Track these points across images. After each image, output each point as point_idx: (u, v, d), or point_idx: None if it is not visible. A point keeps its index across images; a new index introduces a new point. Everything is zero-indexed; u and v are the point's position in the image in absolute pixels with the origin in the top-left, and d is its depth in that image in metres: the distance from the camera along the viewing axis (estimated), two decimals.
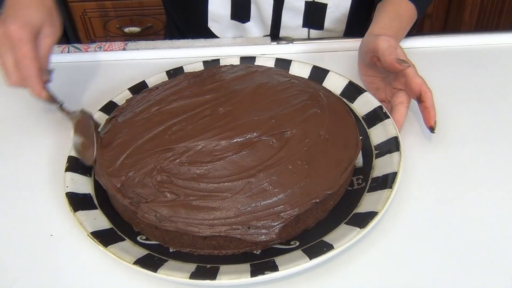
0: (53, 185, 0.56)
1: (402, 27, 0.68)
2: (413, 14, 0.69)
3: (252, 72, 0.61)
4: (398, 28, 0.66)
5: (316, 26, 0.82)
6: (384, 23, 0.65)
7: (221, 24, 0.83)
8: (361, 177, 0.53)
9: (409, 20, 0.69)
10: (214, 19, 0.83)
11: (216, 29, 0.84)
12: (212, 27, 0.84)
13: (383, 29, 0.64)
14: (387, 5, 0.69)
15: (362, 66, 0.67)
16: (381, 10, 0.68)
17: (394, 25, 0.66)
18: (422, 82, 0.56)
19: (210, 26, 0.84)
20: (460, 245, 0.47)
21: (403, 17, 0.68)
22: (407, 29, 0.70)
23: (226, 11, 0.80)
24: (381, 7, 0.69)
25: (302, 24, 0.81)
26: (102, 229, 0.48)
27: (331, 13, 0.80)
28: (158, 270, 0.43)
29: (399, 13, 0.68)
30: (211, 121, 0.51)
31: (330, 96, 0.58)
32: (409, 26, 0.70)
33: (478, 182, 0.53)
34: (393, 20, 0.66)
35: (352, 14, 0.80)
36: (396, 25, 0.66)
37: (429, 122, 0.56)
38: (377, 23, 0.66)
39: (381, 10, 0.68)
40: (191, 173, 0.47)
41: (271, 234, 0.44)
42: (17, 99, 0.71)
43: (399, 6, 0.68)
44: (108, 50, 0.79)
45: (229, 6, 0.80)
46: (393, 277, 0.45)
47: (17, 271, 0.47)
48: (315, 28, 0.82)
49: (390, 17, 0.67)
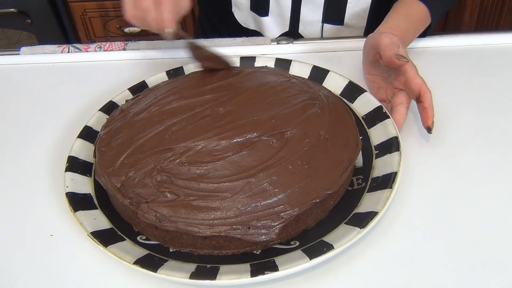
0: (53, 185, 0.56)
1: (411, 29, 0.67)
2: (426, 17, 0.69)
3: (253, 72, 0.61)
4: (406, 29, 0.66)
5: (336, 21, 0.81)
6: (392, 23, 0.65)
7: (242, 12, 0.84)
8: (361, 177, 0.53)
9: (420, 22, 0.69)
10: (236, 5, 0.84)
11: (239, 16, 0.85)
12: (235, 13, 0.85)
13: (389, 29, 0.64)
14: (400, 6, 0.68)
15: (366, 64, 0.67)
16: (393, 10, 0.68)
17: (402, 26, 0.65)
18: (422, 82, 0.57)
19: (234, 11, 0.85)
20: (460, 245, 0.47)
21: (413, 19, 0.67)
22: (418, 32, 0.70)
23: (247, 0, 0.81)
24: (394, 8, 0.69)
25: (321, 19, 0.81)
26: (102, 229, 0.48)
27: (351, 8, 0.79)
28: (158, 270, 0.42)
29: (409, 14, 0.67)
30: (211, 121, 0.51)
31: (330, 96, 0.58)
32: (420, 28, 0.69)
33: (478, 182, 0.53)
34: (402, 21, 0.66)
35: (373, 10, 0.80)
36: (404, 26, 0.66)
37: (426, 122, 0.56)
38: (385, 23, 0.66)
39: (392, 11, 0.68)
40: (191, 173, 0.47)
41: (271, 234, 0.44)
42: (17, 99, 0.71)
43: (411, 7, 0.68)
44: (108, 50, 0.79)
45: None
46: (393, 277, 0.45)
47: (17, 271, 0.47)
48: (335, 23, 0.82)
49: (400, 18, 0.66)
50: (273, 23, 0.83)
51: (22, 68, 0.78)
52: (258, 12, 0.82)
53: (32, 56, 0.79)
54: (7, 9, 1.56)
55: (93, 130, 0.59)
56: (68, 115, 0.66)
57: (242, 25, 0.86)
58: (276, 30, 0.84)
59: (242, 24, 0.86)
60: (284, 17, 0.82)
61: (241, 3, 0.83)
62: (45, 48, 0.80)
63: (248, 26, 0.86)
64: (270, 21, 0.82)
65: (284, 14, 0.81)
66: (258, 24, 0.84)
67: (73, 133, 0.59)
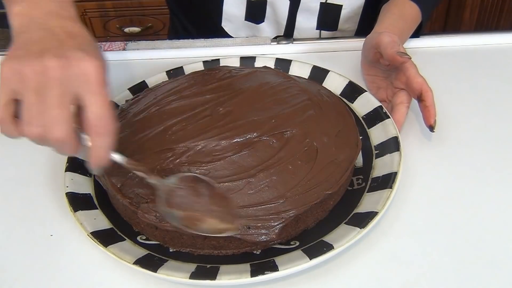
0: (53, 185, 0.56)
1: (406, 28, 0.68)
2: (417, 16, 0.69)
3: (252, 72, 0.61)
4: (402, 28, 0.66)
5: (330, 28, 0.82)
6: (388, 23, 0.66)
7: (234, 24, 0.83)
8: (361, 177, 0.53)
9: (413, 21, 0.69)
10: (228, 19, 0.83)
11: (230, 29, 0.85)
12: (225, 27, 0.84)
13: (387, 29, 0.64)
14: (392, 6, 0.69)
15: (365, 64, 0.67)
16: (385, 11, 0.68)
17: (398, 25, 0.66)
18: (423, 81, 0.57)
19: (224, 26, 0.84)
20: (461, 245, 0.47)
21: (407, 18, 0.68)
22: (411, 31, 0.70)
23: (241, 11, 0.81)
24: (385, 8, 0.69)
25: (316, 26, 0.81)
26: (102, 229, 0.48)
27: (346, 13, 0.79)
28: (158, 270, 0.42)
29: (403, 14, 0.68)
30: (211, 121, 0.51)
31: (330, 96, 0.58)
32: (413, 27, 0.70)
33: (478, 182, 0.53)
34: (397, 21, 0.66)
35: (364, 13, 0.80)
36: (400, 25, 0.66)
37: (428, 120, 0.56)
38: (381, 23, 0.66)
39: (385, 11, 0.68)
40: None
41: (271, 234, 0.44)
42: None
43: (403, 7, 0.68)
44: (108, 50, 0.79)
45: (244, 6, 0.80)
46: (393, 277, 0.45)
47: (17, 271, 0.47)
48: (329, 29, 0.82)
49: (394, 18, 0.67)
50: (268, 28, 0.82)
51: None
52: (254, 21, 0.82)
53: None
54: None
55: None
56: None
57: (232, 36, 0.85)
58: (271, 35, 0.84)
59: (232, 35, 0.85)
60: (280, 24, 0.81)
61: (234, 16, 0.82)
62: None
63: (239, 35, 0.85)
64: (266, 27, 0.82)
65: (280, 22, 0.81)
66: (252, 32, 0.84)
67: None
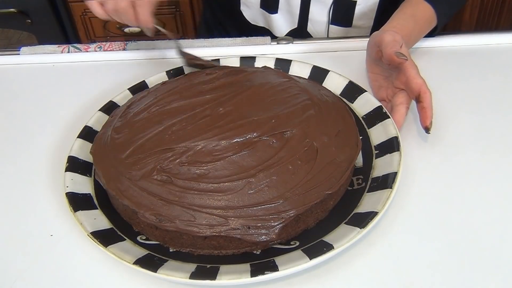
0: (53, 185, 0.56)
1: (416, 29, 0.67)
2: (431, 18, 0.69)
3: (252, 73, 0.61)
4: (411, 29, 0.66)
5: (344, 23, 0.81)
6: (397, 22, 0.65)
7: (251, 10, 0.84)
8: (361, 177, 0.53)
9: (426, 23, 0.69)
10: (245, 3, 0.84)
11: (247, 14, 0.86)
12: (244, 11, 0.85)
13: (394, 28, 0.63)
14: (406, 5, 0.68)
15: (369, 62, 0.67)
16: (399, 10, 0.68)
17: (407, 25, 0.65)
18: (422, 82, 0.57)
19: (243, 10, 0.85)
20: (460, 245, 0.47)
21: (418, 19, 0.67)
22: (423, 32, 0.69)
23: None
24: (400, 7, 0.69)
25: (330, 21, 0.81)
26: (102, 229, 0.48)
27: (360, 9, 0.79)
28: (158, 270, 0.42)
29: (415, 15, 0.67)
30: (211, 121, 0.51)
31: (330, 96, 0.58)
32: (425, 29, 0.69)
33: (478, 182, 0.53)
34: (407, 21, 0.66)
35: (380, 9, 0.80)
36: (409, 26, 0.65)
37: (424, 122, 0.56)
38: (390, 22, 0.66)
39: (398, 10, 0.68)
40: (191, 173, 0.47)
41: (271, 234, 0.44)
42: (17, 99, 0.71)
43: (417, 8, 0.68)
44: (108, 50, 0.79)
45: None
46: (393, 277, 0.45)
47: (17, 271, 0.47)
48: (343, 25, 0.82)
49: (405, 18, 0.66)
50: (282, 20, 0.83)
51: (22, 68, 0.78)
52: (268, 10, 0.82)
53: (32, 56, 0.79)
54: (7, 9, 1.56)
55: (93, 130, 0.59)
56: (68, 115, 0.66)
57: (251, 23, 0.87)
58: (285, 27, 0.84)
59: (250, 22, 0.86)
60: (293, 15, 0.82)
61: (250, 1, 0.83)
62: (45, 48, 0.80)
63: (257, 23, 0.86)
64: (279, 18, 0.83)
65: (293, 12, 0.81)
66: (267, 21, 0.85)
67: (73, 133, 0.59)
